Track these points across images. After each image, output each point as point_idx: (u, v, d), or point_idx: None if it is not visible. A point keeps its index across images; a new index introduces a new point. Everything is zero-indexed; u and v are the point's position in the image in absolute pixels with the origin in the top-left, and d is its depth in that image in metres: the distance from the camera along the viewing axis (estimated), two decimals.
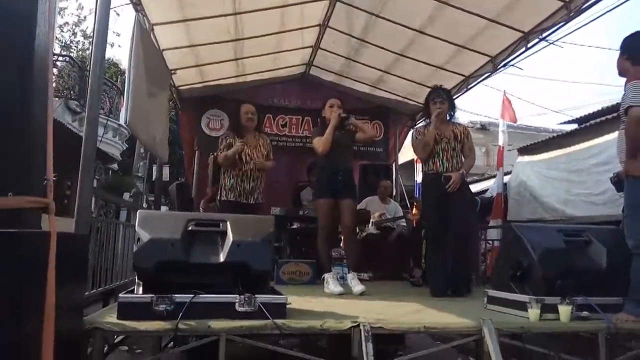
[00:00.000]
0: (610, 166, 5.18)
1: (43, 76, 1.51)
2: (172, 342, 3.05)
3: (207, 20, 5.01)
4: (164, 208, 9.12)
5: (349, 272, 3.86)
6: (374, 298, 3.50)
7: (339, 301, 3.31)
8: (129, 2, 4.18)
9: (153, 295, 2.22)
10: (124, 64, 4.18)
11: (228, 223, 2.52)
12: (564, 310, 2.58)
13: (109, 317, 2.21)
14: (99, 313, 2.34)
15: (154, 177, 8.19)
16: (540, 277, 2.73)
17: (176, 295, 2.24)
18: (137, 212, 2.47)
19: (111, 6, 2.55)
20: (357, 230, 6.25)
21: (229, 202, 4.39)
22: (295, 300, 3.07)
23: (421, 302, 3.19)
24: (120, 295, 2.27)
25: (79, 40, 14.24)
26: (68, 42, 13.46)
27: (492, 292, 2.99)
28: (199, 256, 2.39)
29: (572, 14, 4.30)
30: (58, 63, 9.95)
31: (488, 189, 7.71)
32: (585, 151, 5.47)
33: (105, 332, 2.10)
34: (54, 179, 1.64)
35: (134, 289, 2.45)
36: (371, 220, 5.79)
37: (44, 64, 1.52)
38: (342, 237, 5.30)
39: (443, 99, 3.92)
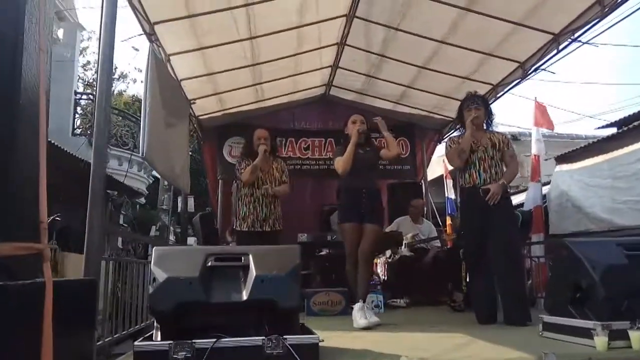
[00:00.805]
0: None
1: (33, 105, 1.36)
2: None
3: (223, 47, 4.95)
4: (191, 240, 9.03)
5: (357, 302, 3.47)
6: (414, 329, 3.20)
7: (376, 335, 3.02)
8: (142, 33, 4.10)
9: (171, 342, 2.01)
10: None
11: (250, 256, 2.30)
12: (636, 336, 2.25)
13: None
14: None
15: (179, 209, 8.13)
16: (603, 299, 2.41)
17: (197, 340, 2.02)
18: (153, 249, 2.28)
19: (126, 39, 2.47)
20: (390, 253, 5.99)
21: (243, 233, 4.21)
22: (328, 337, 2.80)
23: (468, 331, 2.88)
24: (135, 343, 2.06)
25: None
26: (91, 81, 13.77)
27: (548, 318, 2.67)
28: (220, 295, 2.17)
29: (607, 9, 4.02)
30: (82, 101, 10.13)
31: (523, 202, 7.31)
32: (630, 155, 5.09)
33: None
34: (58, 219, 1.47)
35: (152, 335, 2.25)
36: (404, 242, 5.50)
37: (33, 92, 1.37)
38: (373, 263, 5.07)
39: (478, 105, 3.64)
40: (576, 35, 4.40)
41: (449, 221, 9.15)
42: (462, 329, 3.02)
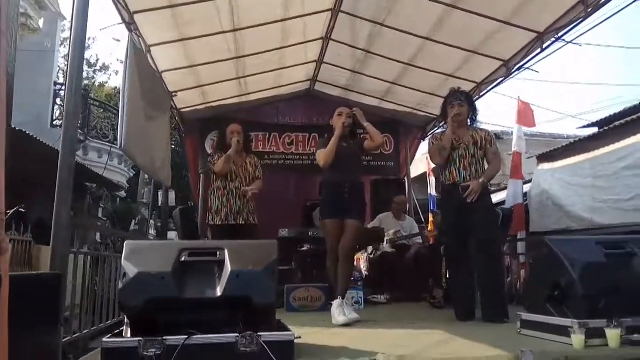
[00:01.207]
0: None
1: None
2: None
3: (205, 38, 4.84)
4: (172, 234, 8.92)
5: (336, 299, 3.43)
6: (393, 325, 3.18)
7: (354, 332, 2.99)
8: (122, 22, 4.00)
9: (141, 338, 1.94)
10: None
11: (226, 251, 2.24)
12: (613, 335, 2.25)
13: None
14: (85, 358, 2.06)
15: (160, 203, 8.02)
16: (581, 297, 2.41)
17: (168, 337, 1.96)
18: (125, 243, 2.21)
19: (104, 28, 2.37)
20: (372, 249, 5.97)
21: (217, 227, 4.16)
22: (306, 333, 2.77)
23: (447, 328, 2.87)
24: (104, 340, 1.99)
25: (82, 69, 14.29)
26: None
27: (526, 316, 2.67)
28: (193, 291, 2.11)
29: (590, 9, 4.03)
30: (62, 92, 9.91)
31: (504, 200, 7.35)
32: (612, 154, 5.14)
33: None
34: (23, 210, 1.40)
35: (123, 331, 2.18)
36: (385, 239, 5.48)
37: None
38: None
39: (462, 101, 3.60)
40: (560, 34, 4.40)
41: (431, 218, 9.17)
42: (441, 326, 3.01)
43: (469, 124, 3.65)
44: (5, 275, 1.24)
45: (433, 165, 8.85)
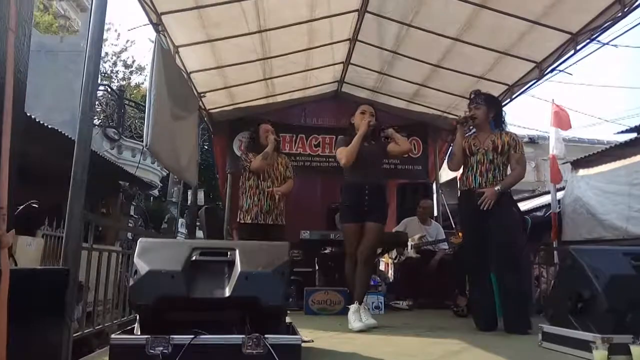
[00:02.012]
0: None
1: None
2: None
3: (232, 39, 4.88)
4: (199, 233, 9.05)
5: (353, 303, 3.38)
6: (410, 333, 3.11)
7: (369, 338, 2.94)
8: (149, 23, 4.07)
9: (148, 336, 1.96)
10: None
11: (237, 251, 2.24)
12: (638, 352, 2.13)
13: None
14: (92, 356, 2.10)
15: (189, 202, 8.14)
16: (606, 311, 2.29)
17: (175, 336, 1.97)
18: (138, 241, 2.24)
19: (131, 29, 2.41)
20: (396, 254, 5.89)
21: (246, 225, 4.21)
22: (320, 337, 2.76)
23: (464, 338, 2.79)
24: (112, 336, 2.02)
25: (118, 70, 14.75)
26: (109, 72, 13.91)
27: (548, 328, 2.56)
28: (203, 290, 2.11)
29: (627, 9, 3.85)
30: (98, 93, 10.22)
31: (542, 207, 7.13)
32: None
33: None
34: (35, 206, 1.43)
35: (134, 328, 2.20)
36: (410, 243, 5.39)
37: None
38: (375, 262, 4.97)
39: (478, 104, 3.48)
40: (594, 35, 4.22)
41: None
42: (460, 335, 2.92)
43: (493, 127, 3.51)
44: (5, 270, 1.27)
45: None
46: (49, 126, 5.82)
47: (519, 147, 3.43)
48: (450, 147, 3.60)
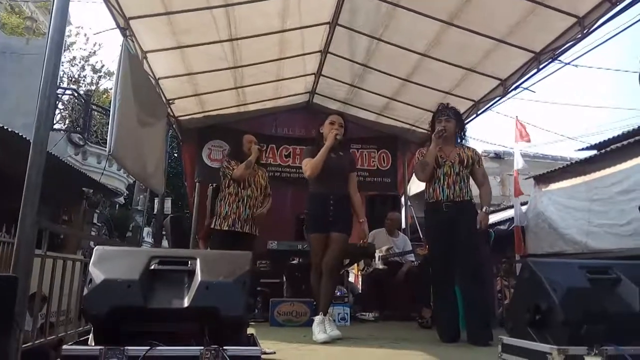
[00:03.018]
0: (635, 194, 4.76)
1: None
2: None
3: (202, 47, 4.87)
4: (165, 242, 8.87)
5: (317, 315, 3.36)
6: (374, 345, 3.11)
7: (333, 349, 2.92)
8: (116, 27, 4.00)
9: (102, 347, 1.89)
10: None
11: (198, 261, 2.20)
12: None
13: None
14: None
15: (155, 211, 7.98)
16: (562, 323, 2.32)
17: (130, 347, 1.91)
18: (95, 249, 2.17)
19: (97, 32, 2.35)
20: (363, 265, 5.90)
21: (222, 232, 4.17)
22: (282, 349, 2.73)
23: (427, 349, 2.80)
24: (64, 347, 1.94)
25: (86, 75, 14.43)
26: (76, 77, 13.59)
27: (507, 340, 2.59)
28: (160, 300, 2.05)
29: (586, 30, 4.01)
30: (64, 97, 9.96)
31: (506, 220, 7.28)
32: (607, 178, 5.06)
33: None
34: None
35: (88, 339, 2.12)
36: (377, 255, 5.41)
37: None
38: (345, 273, 4.97)
39: (449, 116, 3.54)
40: (556, 54, 4.38)
41: None
42: (423, 347, 2.93)
43: (458, 141, 3.59)
44: None
45: None
46: (9, 129, 5.62)
47: (481, 162, 3.54)
48: (419, 158, 3.63)
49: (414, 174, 8.07)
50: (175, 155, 12.44)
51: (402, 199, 7.56)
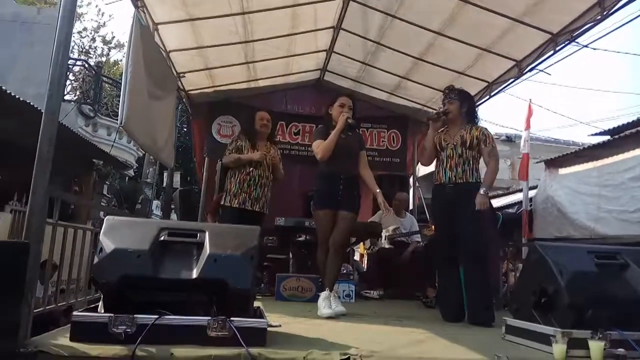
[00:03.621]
0: None
1: None
2: None
3: (214, 20, 4.80)
4: (174, 216, 8.96)
5: (324, 290, 3.42)
6: (377, 322, 3.14)
7: (337, 324, 2.97)
8: None
9: (111, 315, 1.93)
10: None
11: (207, 234, 2.22)
12: (596, 347, 2.18)
13: (62, 339, 1.93)
14: (52, 333, 2.06)
15: (164, 184, 8.04)
16: (567, 306, 2.34)
17: (139, 315, 1.95)
18: (105, 219, 2.20)
19: (109, 2, 2.33)
20: (370, 244, 5.93)
21: (232, 209, 4.19)
22: (288, 323, 2.76)
23: (430, 328, 2.82)
24: (74, 313, 1.99)
25: (97, 46, 14.36)
26: (87, 48, 13.55)
27: (511, 321, 2.61)
28: (169, 271, 2.09)
29: (606, 12, 3.91)
30: (75, 68, 9.95)
31: (515, 204, 7.27)
32: (620, 164, 5.01)
33: (52, 357, 1.81)
34: None
35: (98, 306, 2.17)
36: (384, 234, 5.44)
37: None
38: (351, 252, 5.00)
39: (451, 98, 3.52)
40: (574, 36, 4.28)
41: None
42: (426, 325, 2.96)
43: (465, 122, 3.55)
44: None
45: None
46: (21, 99, 5.64)
47: (489, 141, 3.47)
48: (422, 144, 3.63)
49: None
50: (185, 129, 12.45)
51: (411, 180, 7.53)
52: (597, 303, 2.35)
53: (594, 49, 4.42)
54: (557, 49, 4.50)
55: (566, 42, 4.40)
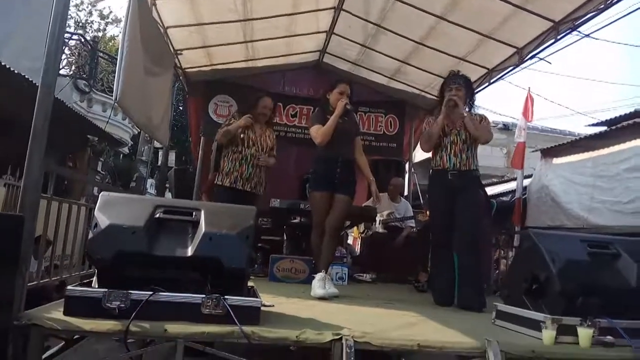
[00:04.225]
0: None
1: None
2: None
3: None
4: (169, 195, 8.94)
5: (320, 272, 3.45)
6: (370, 304, 3.17)
7: (330, 306, 2.99)
8: None
9: (106, 290, 1.93)
10: None
11: (202, 212, 2.22)
12: (584, 334, 2.21)
13: (55, 313, 1.93)
14: (45, 307, 2.06)
15: (159, 162, 8.00)
16: (558, 293, 2.37)
17: (133, 291, 1.95)
18: (100, 195, 2.18)
19: None
20: (364, 228, 5.95)
21: (224, 188, 4.16)
22: (281, 303, 2.78)
23: (421, 312, 2.85)
24: (68, 287, 1.99)
25: (93, 21, 14.12)
26: (83, 22, 13.31)
27: (502, 307, 2.64)
28: (164, 248, 2.09)
29: (609, 1, 3.88)
30: (71, 42, 9.79)
31: (509, 192, 7.29)
32: (615, 155, 5.03)
33: (45, 330, 1.82)
34: None
35: (92, 281, 2.17)
36: (378, 219, 5.46)
37: None
38: (345, 235, 5.03)
39: (459, 84, 3.52)
40: (576, 24, 4.25)
41: None
42: (418, 309, 2.99)
43: (466, 109, 3.55)
44: None
45: None
46: (15, 71, 5.56)
47: (486, 121, 3.54)
48: (426, 128, 3.62)
49: (419, 142, 8.08)
50: (180, 108, 12.34)
51: (407, 165, 7.52)
52: (588, 291, 2.38)
53: (596, 38, 4.40)
54: (559, 37, 4.47)
55: (568, 31, 4.37)
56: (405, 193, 7.03)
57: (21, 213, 1.88)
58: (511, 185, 7.66)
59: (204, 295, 2.01)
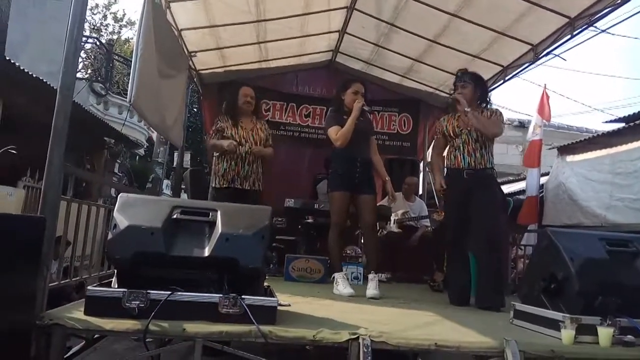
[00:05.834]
0: None
1: None
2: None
3: None
4: (184, 195, 9.02)
5: (370, 273, 3.52)
6: (386, 303, 3.16)
7: (346, 305, 2.99)
8: None
9: (125, 290, 1.96)
10: None
11: (219, 213, 2.24)
12: (605, 333, 2.19)
13: (76, 313, 1.96)
14: (66, 307, 2.10)
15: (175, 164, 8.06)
16: (577, 293, 2.34)
17: (152, 291, 1.98)
18: (119, 196, 2.22)
19: None
20: (378, 228, 5.92)
21: (221, 190, 4.12)
22: (298, 302, 2.80)
23: (438, 311, 2.84)
24: (88, 287, 2.02)
25: (108, 24, 14.30)
26: (98, 25, 13.50)
27: (520, 306, 2.62)
28: (181, 248, 2.11)
29: None
30: (86, 45, 9.93)
31: (525, 191, 7.20)
32: (633, 152, 4.94)
33: (67, 330, 1.85)
34: (14, 152, 1.39)
35: (111, 282, 2.21)
36: (393, 218, 5.44)
37: None
38: (361, 235, 5.02)
39: (465, 82, 3.49)
40: (592, 20, 4.19)
41: None
42: (434, 309, 2.98)
43: (478, 104, 3.52)
44: None
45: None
46: (34, 75, 5.66)
47: (496, 116, 3.47)
48: (438, 130, 3.68)
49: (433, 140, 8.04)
50: (195, 109, 12.44)
51: (421, 164, 7.48)
52: (607, 290, 2.35)
53: (613, 34, 4.33)
54: (575, 33, 4.41)
55: (584, 27, 4.31)
56: (420, 192, 6.99)
57: (42, 213, 1.91)
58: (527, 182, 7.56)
59: (221, 295, 2.03)
